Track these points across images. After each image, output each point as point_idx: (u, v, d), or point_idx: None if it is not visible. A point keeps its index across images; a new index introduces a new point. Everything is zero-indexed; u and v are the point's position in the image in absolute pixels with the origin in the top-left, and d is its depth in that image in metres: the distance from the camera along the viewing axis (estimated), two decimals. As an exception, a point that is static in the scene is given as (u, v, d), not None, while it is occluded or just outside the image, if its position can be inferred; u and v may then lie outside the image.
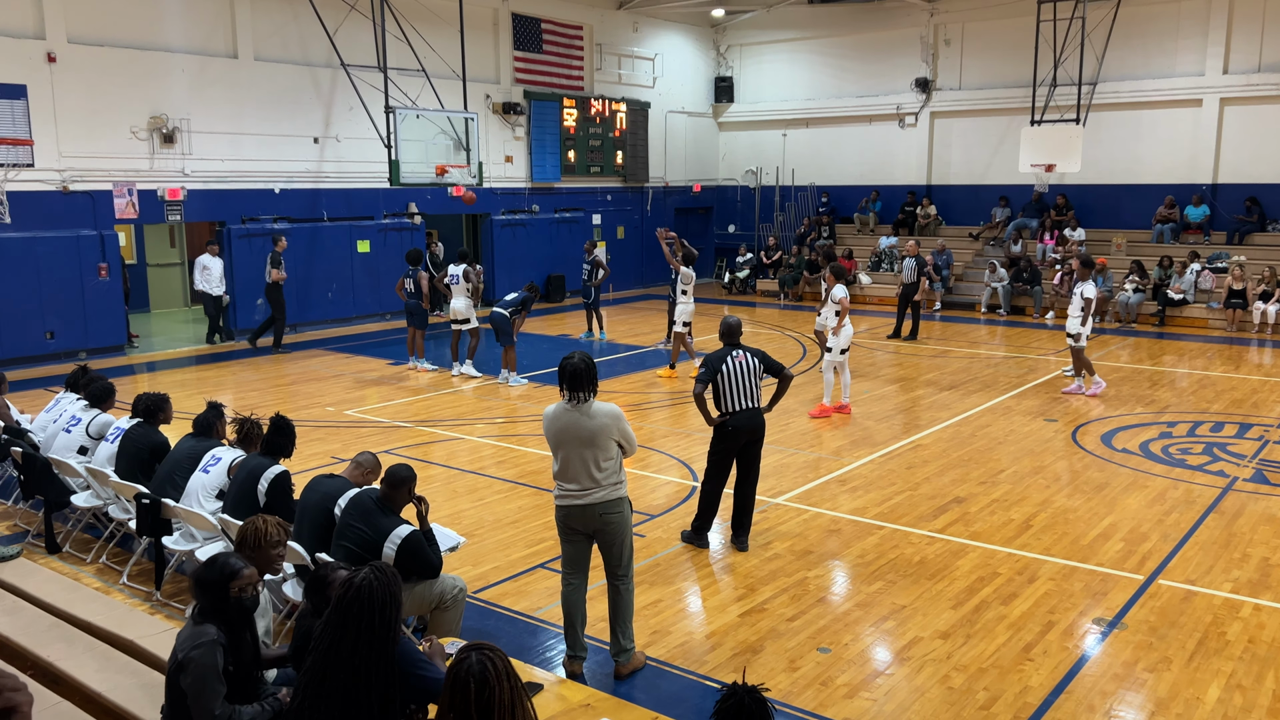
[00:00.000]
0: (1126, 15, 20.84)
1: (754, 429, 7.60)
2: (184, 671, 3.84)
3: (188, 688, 3.83)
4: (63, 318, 15.73)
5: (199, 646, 3.85)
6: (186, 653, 3.86)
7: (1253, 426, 11.45)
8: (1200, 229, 21.01)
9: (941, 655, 5.97)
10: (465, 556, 7.49)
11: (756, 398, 7.59)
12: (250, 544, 4.51)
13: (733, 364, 7.54)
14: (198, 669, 3.81)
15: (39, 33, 15.21)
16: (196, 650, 3.84)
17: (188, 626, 4.02)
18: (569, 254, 23.36)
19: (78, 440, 7.93)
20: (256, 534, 4.54)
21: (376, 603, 3.49)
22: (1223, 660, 5.89)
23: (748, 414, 7.54)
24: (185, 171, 16.97)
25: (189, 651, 3.86)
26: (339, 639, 3.48)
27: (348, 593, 3.51)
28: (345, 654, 3.46)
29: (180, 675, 3.86)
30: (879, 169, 25.30)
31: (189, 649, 3.87)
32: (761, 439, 7.74)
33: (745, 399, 7.53)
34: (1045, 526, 8.21)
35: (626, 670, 5.74)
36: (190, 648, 3.87)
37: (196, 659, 3.83)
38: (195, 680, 3.81)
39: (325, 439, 11.01)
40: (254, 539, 4.52)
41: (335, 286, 19.17)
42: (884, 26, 24.63)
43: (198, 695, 3.81)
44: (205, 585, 4.00)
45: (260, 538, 4.53)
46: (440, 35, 18.79)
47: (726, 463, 7.70)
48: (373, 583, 3.52)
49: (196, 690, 3.81)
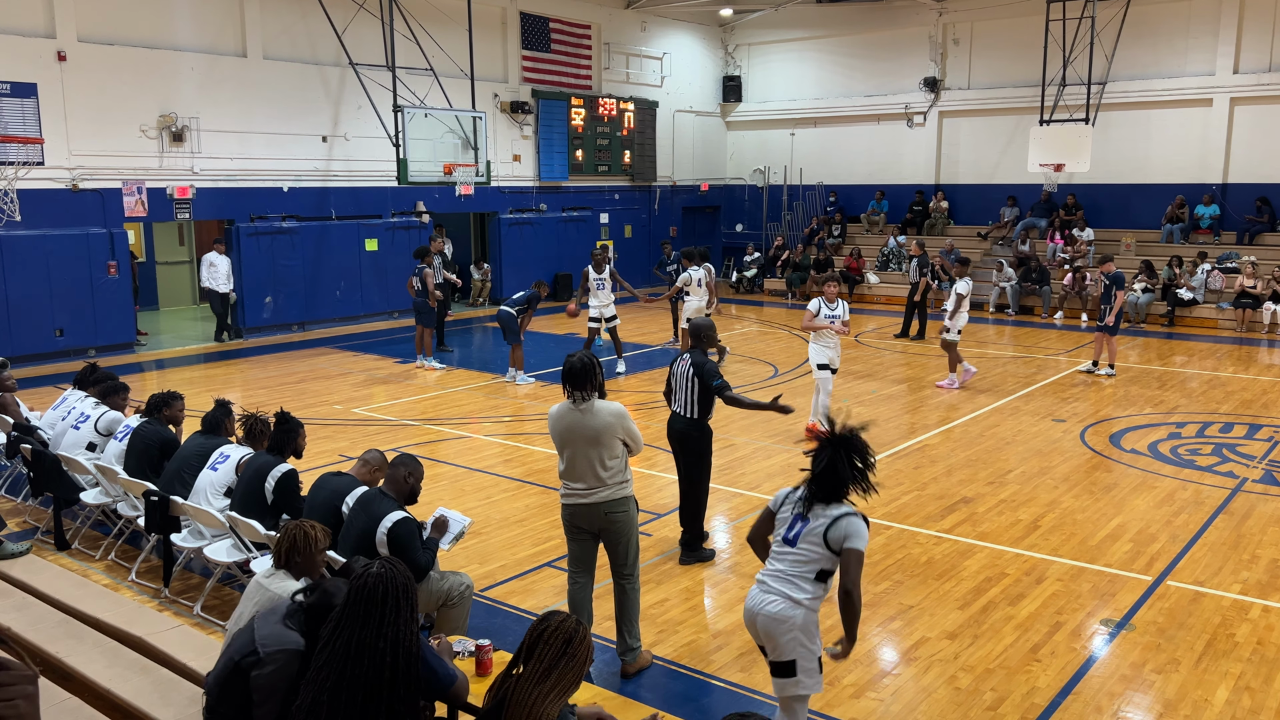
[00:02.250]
0: (1136, 14, 20.76)
1: (674, 433, 7.41)
2: (261, 665, 3.74)
3: (258, 683, 3.73)
4: (72, 315, 15.80)
5: (286, 651, 3.76)
6: (271, 651, 3.77)
7: (1262, 427, 11.40)
8: (1210, 229, 20.93)
9: (949, 655, 5.96)
10: (472, 554, 7.50)
11: (686, 406, 7.32)
12: (301, 549, 4.44)
13: (676, 367, 7.40)
14: (277, 673, 3.72)
15: (49, 32, 15.27)
16: (283, 654, 3.75)
17: (277, 623, 3.88)
18: (576, 253, 23.35)
19: (86, 437, 7.96)
20: (307, 539, 4.45)
21: (395, 589, 3.50)
22: (1231, 662, 5.87)
23: (673, 418, 7.43)
24: (194, 170, 17.02)
25: (274, 651, 3.76)
26: (359, 629, 3.48)
27: (367, 588, 3.51)
28: (367, 643, 3.46)
29: (256, 666, 3.76)
30: (887, 168, 25.26)
31: (274, 648, 3.77)
32: (691, 449, 7.37)
33: (675, 404, 7.40)
34: (1053, 527, 8.19)
35: (633, 669, 5.73)
36: (277, 648, 3.77)
37: (280, 661, 3.74)
38: (269, 682, 3.72)
39: (333, 437, 11.04)
40: (304, 543, 4.45)
41: (343, 285, 19.21)
42: (892, 26, 24.58)
43: (267, 696, 3.72)
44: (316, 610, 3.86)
45: (310, 543, 4.45)
46: (448, 34, 18.81)
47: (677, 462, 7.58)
48: (387, 572, 3.55)
49: (265, 692, 3.72)
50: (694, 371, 7.23)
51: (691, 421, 7.31)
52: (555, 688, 3.29)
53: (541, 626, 3.38)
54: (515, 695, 3.28)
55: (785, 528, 4.51)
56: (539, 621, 3.41)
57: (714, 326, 7.62)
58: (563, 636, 3.34)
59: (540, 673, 3.30)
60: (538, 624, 3.40)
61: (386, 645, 3.46)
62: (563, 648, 3.32)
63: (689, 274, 14.94)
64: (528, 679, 3.29)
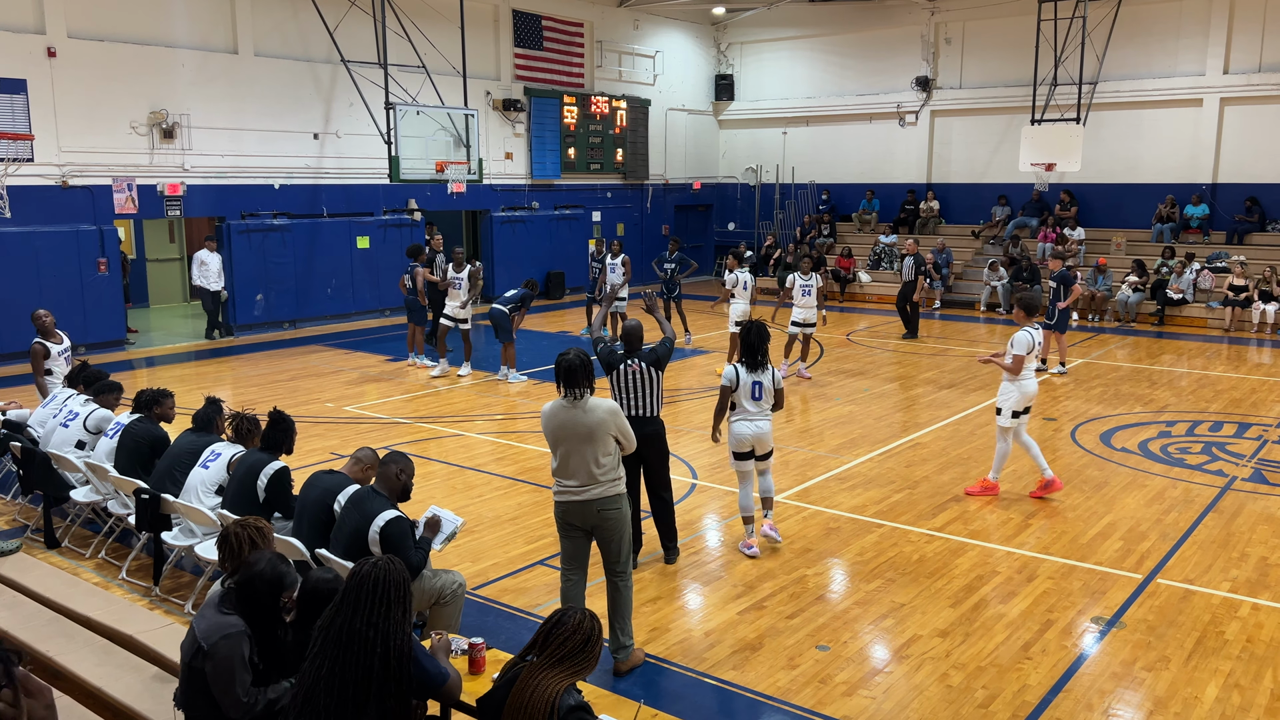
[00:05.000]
0: (1127, 14, 20.83)
1: (640, 438, 6.80)
2: (209, 659, 3.84)
3: (211, 675, 3.83)
4: (62, 312, 15.59)
5: (227, 637, 3.86)
6: (213, 642, 3.85)
7: (1251, 426, 11.46)
8: (1200, 228, 21.02)
9: (940, 653, 5.97)
10: (465, 552, 7.49)
11: (648, 406, 7.10)
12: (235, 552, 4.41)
13: (624, 374, 7.07)
14: (224, 659, 3.83)
15: (39, 27, 15.19)
16: (224, 641, 3.84)
17: (212, 613, 3.98)
18: (569, 251, 23.36)
19: (75, 434, 7.92)
20: (239, 541, 4.43)
21: (389, 584, 3.58)
22: (1221, 659, 5.90)
23: (635, 422, 6.85)
24: (185, 167, 16.95)
25: (215, 640, 3.85)
26: (351, 616, 3.52)
27: (363, 577, 3.57)
28: (358, 630, 3.50)
29: (204, 661, 3.85)
30: (879, 167, 25.30)
31: (215, 638, 3.86)
32: (660, 448, 7.19)
33: (633, 409, 7.05)
34: (1044, 525, 8.21)
35: (625, 667, 5.73)
36: (218, 637, 3.86)
37: (223, 649, 3.83)
38: (221, 669, 3.83)
39: (325, 435, 11.01)
40: (236, 546, 4.42)
41: (335, 282, 19.16)
42: (885, 25, 24.62)
43: (225, 684, 3.82)
44: (256, 587, 3.96)
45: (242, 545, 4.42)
46: (441, 31, 18.77)
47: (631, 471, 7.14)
48: (385, 566, 3.63)
49: (223, 679, 3.82)
50: (650, 366, 7.05)
51: (655, 419, 7.16)
52: (566, 674, 3.45)
53: (562, 623, 3.52)
54: (524, 679, 3.44)
55: (750, 391, 7.28)
56: (561, 615, 3.55)
57: (641, 327, 7.33)
58: (583, 635, 3.52)
59: (554, 661, 3.46)
60: (558, 619, 3.54)
61: (376, 636, 3.50)
62: (582, 645, 3.50)
63: (736, 276, 14.68)
64: (540, 665, 3.46)
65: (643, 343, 7.29)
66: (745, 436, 7.34)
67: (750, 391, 7.28)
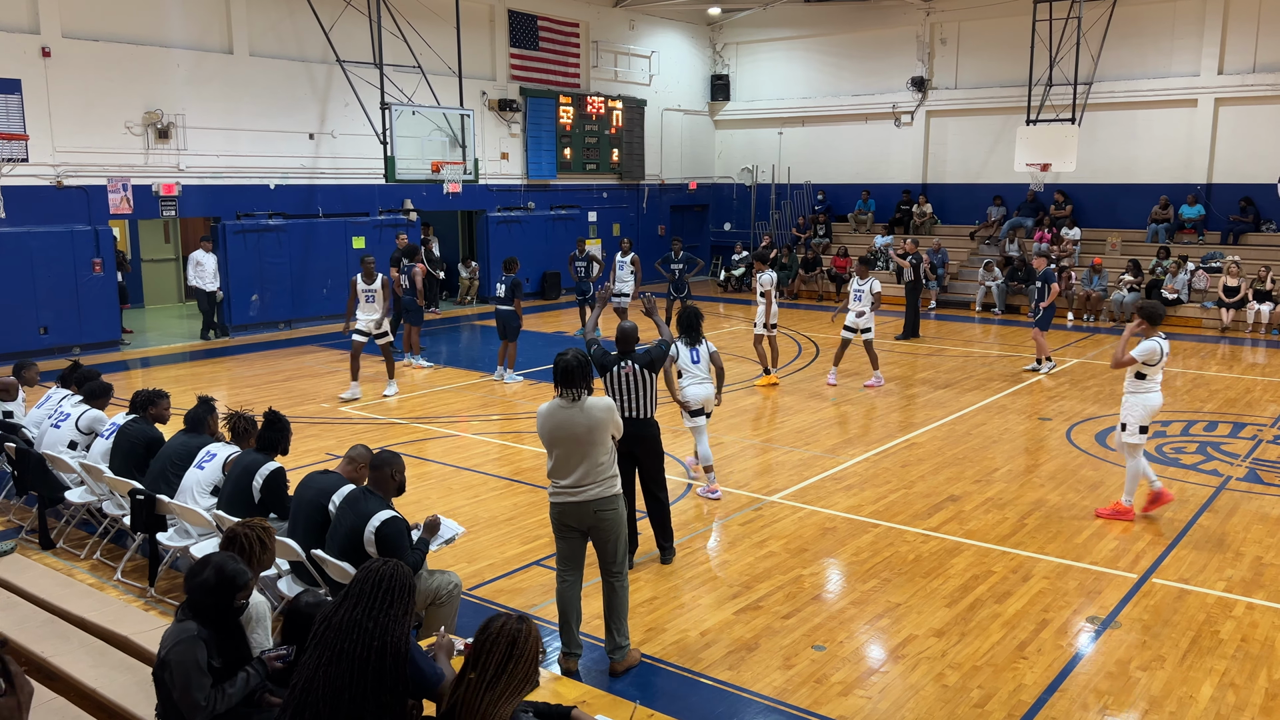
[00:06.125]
0: (1122, 15, 20.87)
1: (633, 440, 6.94)
2: (165, 668, 3.92)
3: (170, 683, 3.91)
4: (56, 313, 15.69)
5: (180, 643, 3.94)
6: (167, 651, 3.94)
7: (1246, 426, 11.48)
8: (1195, 229, 21.06)
9: (936, 653, 5.98)
10: (460, 553, 7.48)
11: (641, 408, 7.19)
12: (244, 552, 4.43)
13: (617, 376, 7.15)
14: (179, 666, 3.90)
15: (34, 27, 15.16)
16: (177, 648, 3.93)
17: (173, 624, 4.09)
18: (565, 251, 23.29)
19: (67, 435, 7.90)
20: (249, 543, 4.46)
21: (394, 582, 3.59)
22: (1216, 659, 5.91)
23: (628, 423, 6.86)
24: (180, 167, 16.93)
25: (169, 648, 3.94)
26: (353, 608, 3.54)
27: (370, 572, 3.61)
28: (358, 620, 3.52)
29: (163, 672, 3.94)
30: (875, 167, 25.32)
31: (171, 642, 3.96)
32: (654, 449, 7.27)
33: (626, 411, 7.08)
34: (1039, 525, 8.23)
35: (621, 667, 5.73)
36: (171, 645, 3.95)
37: (176, 656, 3.91)
38: (177, 676, 3.90)
39: (320, 435, 11.00)
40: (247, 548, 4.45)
41: (330, 282, 19.13)
42: (880, 25, 24.64)
43: (183, 690, 3.89)
44: (209, 590, 4.03)
45: (252, 545, 4.45)
46: (436, 32, 18.76)
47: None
48: (394, 566, 3.66)
49: (181, 685, 3.89)
50: (643, 368, 7.12)
51: (650, 421, 7.21)
52: (506, 690, 3.32)
53: (485, 631, 3.39)
54: (466, 700, 3.31)
55: (690, 357, 8.82)
56: (482, 627, 3.42)
57: (636, 329, 7.38)
58: (506, 639, 3.35)
59: (490, 679, 3.32)
60: (481, 629, 3.41)
61: (375, 628, 3.52)
62: (508, 650, 3.34)
63: (771, 275, 13.88)
64: (477, 685, 3.32)
65: (637, 344, 7.31)
66: (696, 397, 8.86)
67: (690, 357, 8.91)
